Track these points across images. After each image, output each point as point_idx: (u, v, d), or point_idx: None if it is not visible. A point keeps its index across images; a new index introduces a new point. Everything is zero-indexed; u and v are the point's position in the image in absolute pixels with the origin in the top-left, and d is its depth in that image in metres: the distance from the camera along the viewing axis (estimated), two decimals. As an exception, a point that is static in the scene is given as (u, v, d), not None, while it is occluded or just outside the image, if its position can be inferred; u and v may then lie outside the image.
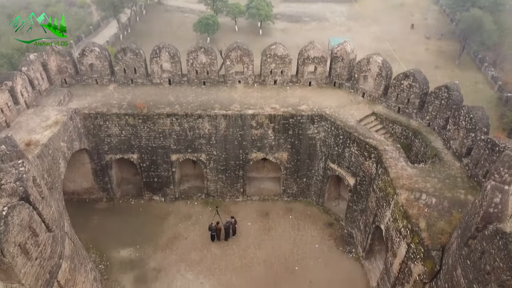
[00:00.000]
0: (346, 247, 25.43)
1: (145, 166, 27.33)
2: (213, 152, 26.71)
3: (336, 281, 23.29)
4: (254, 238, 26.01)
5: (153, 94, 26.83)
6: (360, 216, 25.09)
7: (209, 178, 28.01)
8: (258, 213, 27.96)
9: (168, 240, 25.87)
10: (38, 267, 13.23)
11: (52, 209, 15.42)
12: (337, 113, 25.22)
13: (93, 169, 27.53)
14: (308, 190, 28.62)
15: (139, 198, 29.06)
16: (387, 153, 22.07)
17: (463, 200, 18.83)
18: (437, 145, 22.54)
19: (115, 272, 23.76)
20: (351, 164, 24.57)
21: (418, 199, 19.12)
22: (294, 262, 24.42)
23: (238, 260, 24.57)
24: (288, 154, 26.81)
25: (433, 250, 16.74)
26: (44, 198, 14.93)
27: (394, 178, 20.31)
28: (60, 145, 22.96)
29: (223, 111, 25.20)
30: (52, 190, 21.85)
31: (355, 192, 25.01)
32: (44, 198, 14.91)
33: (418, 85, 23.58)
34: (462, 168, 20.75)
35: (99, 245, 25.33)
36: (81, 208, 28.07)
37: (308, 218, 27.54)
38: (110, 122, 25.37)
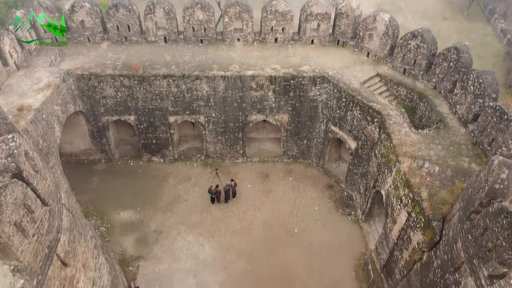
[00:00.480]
0: (345, 209, 25.55)
1: (142, 128, 26.78)
2: (212, 114, 26.05)
3: (335, 243, 23.61)
4: (254, 200, 26.06)
5: (148, 53, 25.67)
6: (360, 180, 24.96)
7: (208, 140, 27.57)
8: (258, 174, 27.83)
9: (168, 202, 25.93)
10: (36, 243, 13.10)
11: (47, 182, 15.07)
12: (340, 75, 24.25)
13: (90, 131, 27.01)
14: (309, 152, 28.30)
15: (138, 159, 28.80)
16: (391, 118, 21.45)
17: (467, 168, 18.52)
18: (442, 109, 21.86)
19: (116, 234, 24.03)
20: (353, 128, 24.02)
21: (420, 167, 18.80)
22: (294, 224, 24.63)
23: (238, 222, 24.77)
24: (288, 116, 26.17)
25: (433, 220, 16.66)
26: (38, 171, 14.52)
27: (397, 145, 19.86)
28: (54, 109, 22.27)
29: (221, 72, 24.23)
30: (49, 155, 21.56)
31: (356, 156, 24.68)
32: (38, 172, 14.51)
33: (426, 46, 22.43)
34: (467, 134, 20.24)
35: (99, 207, 25.42)
36: (79, 170, 27.90)
37: (308, 180, 27.46)
38: (105, 83, 24.47)
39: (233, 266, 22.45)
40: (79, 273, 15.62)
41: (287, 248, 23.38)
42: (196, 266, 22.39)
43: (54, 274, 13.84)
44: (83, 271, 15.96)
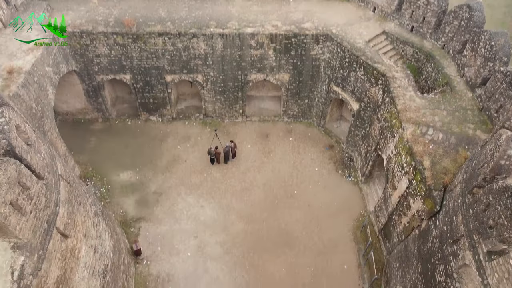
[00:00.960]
0: (345, 170, 25.48)
1: (139, 87, 25.99)
2: (210, 73, 25.15)
3: (334, 204, 23.78)
4: (253, 161, 25.92)
5: (141, 8, 24.25)
6: (361, 142, 24.63)
7: (206, 99, 26.88)
8: (257, 134, 27.47)
9: (168, 163, 25.81)
10: (34, 219, 13.02)
11: (42, 155, 14.73)
12: (345, 32, 23.07)
13: (85, 90, 26.24)
14: (310, 111, 27.71)
15: (135, 118, 28.29)
16: (396, 81, 20.66)
17: (471, 136, 18.10)
18: (450, 71, 21.00)
19: (117, 195, 24.12)
20: (356, 89, 23.27)
21: (424, 134, 18.38)
22: (293, 185, 24.68)
23: (238, 183, 24.79)
24: (289, 76, 25.29)
25: (434, 190, 16.53)
26: (31, 145, 14.15)
27: (401, 110, 19.28)
28: (46, 70, 21.43)
29: (219, 30, 23.02)
30: (43, 119, 21.05)
31: (358, 117, 24.15)
32: (31, 145, 14.12)
33: (436, 2, 21.08)
34: (474, 99, 19.58)
35: (99, 168, 25.32)
36: (77, 129, 27.50)
37: (309, 140, 27.15)
38: (97, 41, 23.35)
39: (233, 227, 22.77)
40: (80, 242, 15.74)
41: (287, 209, 23.58)
42: (196, 227, 22.71)
43: (54, 247, 13.90)
44: (84, 240, 16.08)
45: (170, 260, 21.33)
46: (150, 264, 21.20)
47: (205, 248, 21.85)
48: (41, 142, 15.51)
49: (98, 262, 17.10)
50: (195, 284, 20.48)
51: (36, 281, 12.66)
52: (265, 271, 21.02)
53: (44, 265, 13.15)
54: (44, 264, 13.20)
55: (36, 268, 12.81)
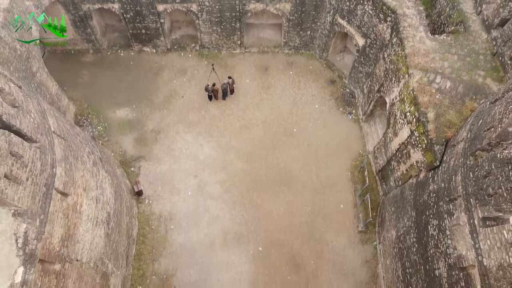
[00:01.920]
0: (346, 107, 24.91)
1: (129, 17, 24.13)
2: (205, 3, 23.14)
3: (333, 143, 23.71)
4: (252, 97, 25.19)
5: None
6: (365, 79, 23.66)
7: (202, 30, 25.15)
8: (257, 68, 26.28)
9: (164, 98, 25.10)
10: (31, 186, 12.95)
11: (32, 115, 14.15)
12: (354, -42, 20.71)
13: (72, 21, 24.38)
14: (312, 43, 26.13)
15: (128, 49, 26.79)
16: (406, 19, 19.07)
17: (480, 84, 17.27)
18: (466, 7, 19.28)
19: (114, 133, 23.90)
20: (362, 24, 21.62)
21: (431, 82, 17.53)
22: (293, 123, 24.32)
23: (237, 121, 24.41)
24: (291, 5, 23.31)
25: (436, 144, 16.28)
26: (19, 107, 13.52)
27: (409, 54, 18.12)
28: (26, 5, 19.67)
29: (214, -46, 20.65)
30: (30, 59, 19.91)
31: (363, 54, 22.85)
32: (19, 107, 13.51)
33: None
34: (488, 42, 18.28)
35: (94, 104, 24.70)
36: (67, 62, 26.22)
37: (310, 74, 26.06)
38: (79, -34, 21.09)
39: (232, 166, 22.99)
40: (81, 197, 15.94)
41: (286, 148, 23.57)
42: (196, 166, 22.92)
43: (55, 208, 14.08)
44: (85, 194, 16.26)
45: (171, 199, 21.92)
46: (152, 203, 21.83)
47: (205, 187, 22.31)
48: (30, 100, 14.81)
49: (101, 211, 17.53)
50: (196, 222, 21.32)
51: (41, 244, 13.02)
52: (263, 209, 21.74)
53: (47, 228, 13.43)
54: (47, 226, 13.47)
55: (40, 232, 13.10)
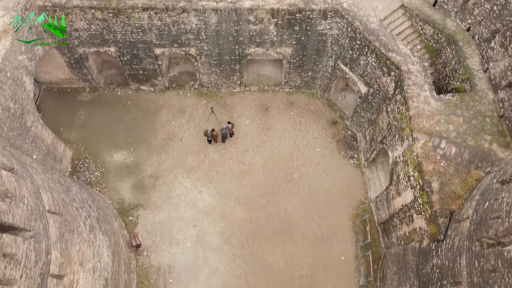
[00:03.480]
0: (348, 151, 24.44)
1: (126, 60, 23.54)
2: (204, 47, 22.54)
3: (335, 190, 23.32)
4: (252, 139, 24.69)
5: (121, -28, 20.70)
6: (367, 125, 23.17)
7: (201, 71, 24.55)
8: (257, 107, 25.73)
9: (163, 141, 24.62)
10: (25, 281, 12.63)
11: (25, 201, 13.73)
12: (357, 8, 20.02)
13: (67, 62, 23.80)
14: (313, 82, 25.53)
15: (125, 88, 26.21)
16: (411, 76, 18.50)
17: (486, 151, 16.83)
18: (472, 63, 18.71)
19: (112, 179, 23.49)
20: (365, 74, 21.06)
21: (436, 147, 17.06)
22: (294, 168, 23.90)
23: (237, 165, 23.97)
24: (292, 50, 22.69)
25: (440, 217, 15.89)
26: (11, 197, 13.10)
27: (414, 115, 17.61)
28: (19, 59, 19.07)
29: (213, 3, 19.94)
30: (24, 115, 19.41)
31: (365, 100, 22.32)
32: (11, 197, 13.09)
33: (468, -21, 17.86)
34: (494, 103, 17.77)
35: (91, 147, 24.25)
36: (63, 101, 25.69)
37: (311, 115, 25.51)
38: (74, 16, 20.41)
39: (232, 215, 22.64)
40: (77, 274, 15.62)
41: (286, 195, 23.19)
42: (195, 215, 22.58)
43: (51, 294, 13.78)
44: (81, 268, 15.94)
45: (170, 251, 21.63)
46: (151, 255, 21.55)
47: (204, 238, 22.01)
48: (23, 182, 14.37)
49: (98, 280, 17.22)
50: (195, 275, 21.06)
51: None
52: (264, 262, 21.46)
53: (42, 317, 13.14)
54: (43, 315, 13.18)
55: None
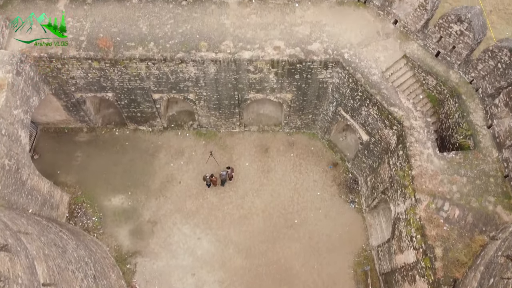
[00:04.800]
0: (349, 195, 24.08)
1: (124, 104, 23.21)
2: (203, 93, 22.21)
3: (335, 236, 22.97)
4: (252, 182, 24.34)
5: (118, 20, 20.34)
6: (368, 171, 22.83)
7: (200, 114, 24.20)
8: (256, 148, 25.36)
9: (161, 184, 24.26)
10: None
11: (19, 280, 13.40)
12: (358, 58, 19.67)
13: (64, 106, 23.47)
14: (313, 124, 25.17)
15: (123, 128, 25.83)
16: (413, 133, 18.17)
17: (491, 213, 16.48)
18: (475, 118, 18.36)
19: (109, 224, 23.14)
20: (367, 123, 20.73)
21: (439, 209, 16.73)
22: (294, 213, 23.55)
23: (236, 210, 23.62)
24: (292, 95, 22.35)
25: (444, 285, 15.57)
26: (4, 280, 12.75)
27: (417, 175, 17.28)
28: (14, 114, 18.74)
29: (211, 54, 19.61)
30: (19, 169, 19.03)
31: (366, 148, 21.98)
32: (5, 281, 12.75)
33: (472, 35, 17.47)
34: (499, 162, 17.43)
35: (88, 191, 23.91)
36: (61, 141, 25.34)
37: (311, 156, 25.15)
38: (70, 65, 20.10)
39: (232, 263, 22.28)
40: None
41: (286, 241, 22.84)
42: (194, 263, 22.22)
43: None
44: None
45: (169, 302, 21.32)
46: (149, 306, 21.23)
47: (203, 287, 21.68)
48: (17, 259, 14.01)
49: None
50: (195, 327, 20.75)
51: None
52: (263, 313, 21.15)
53: None
54: None
55: None
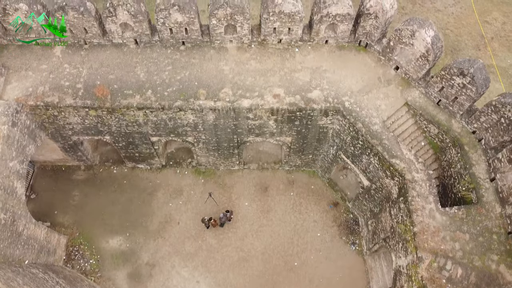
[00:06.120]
0: (349, 236, 23.81)
1: (121, 146, 22.93)
2: (202, 137, 21.94)
3: (336, 279, 22.72)
4: (252, 223, 24.07)
5: (116, 66, 20.03)
6: (369, 215, 22.57)
7: (198, 154, 23.93)
8: (256, 187, 25.09)
9: (160, 225, 24.00)
10: None
11: None
12: (359, 106, 19.38)
13: (61, 148, 23.19)
14: (314, 163, 24.91)
15: (121, 166, 25.58)
16: (415, 186, 17.89)
17: (493, 273, 16.20)
18: (478, 171, 18.05)
19: (107, 267, 22.90)
20: (368, 171, 20.46)
21: (441, 269, 16.45)
22: (294, 255, 23.28)
23: (235, 252, 23.35)
24: (292, 138, 22.08)
25: None
26: None
27: (419, 232, 16.99)
28: (9, 167, 18.44)
29: (210, 103, 19.33)
30: (15, 221, 18.75)
31: (367, 192, 21.72)
32: None
33: (475, 89, 17.19)
34: (502, 217, 17.12)
35: (86, 231, 23.66)
36: (58, 180, 25.08)
37: (312, 195, 24.88)
38: (67, 113, 19.84)
39: (231, 309, 22.07)
40: None
41: (286, 285, 22.58)
42: (193, 309, 22.01)
43: None
44: None
45: None
46: None
47: (202, 336, 21.43)
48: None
49: None
50: None
51: None
52: None
53: None
54: None
55: None
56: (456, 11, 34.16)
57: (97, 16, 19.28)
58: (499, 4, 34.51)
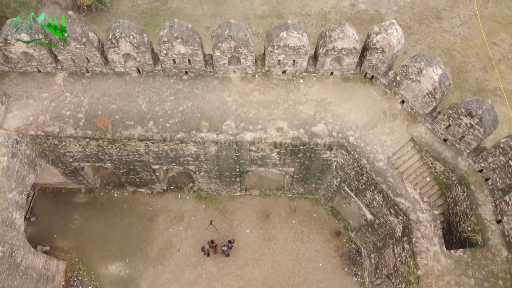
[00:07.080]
0: (352, 267, 23.47)
1: (122, 172, 22.70)
2: (203, 166, 21.67)
3: (337, 312, 22.44)
4: (253, 251, 23.77)
5: (117, 96, 19.76)
6: (372, 247, 22.23)
7: (200, 181, 23.66)
8: (258, 214, 24.80)
9: (160, 251, 23.75)
10: None
11: None
12: (364, 142, 19.02)
13: (62, 172, 22.99)
14: (317, 191, 24.60)
15: (122, 189, 25.35)
16: (420, 227, 17.55)
17: (499, 322, 15.88)
18: (485, 212, 17.69)
19: (106, 294, 22.71)
20: (371, 206, 20.13)
21: (446, 316, 16.12)
22: (295, 286, 22.98)
23: (236, 281, 23.07)
24: (295, 169, 21.77)
25: None
26: None
27: (423, 276, 16.67)
28: (8, 198, 18.25)
29: (212, 135, 19.04)
30: (13, 253, 18.55)
31: (371, 226, 21.39)
32: None
33: (483, 130, 16.81)
34: (508, 262, 16.77)
35: (85, 257, 23.46)
36: (58, 203, 24.90)
37: (314, 224, 24.56)
38: (67, 142, 19.62)
39: None
40: None
41: (287, 318, 22.33)
42: None
43: None
44: None
45: None
46: None
47: None
48: None
49: None
50: None
51: None
52: None
53: None
54: None
55: None
56: (463, 31, 33.65)
57: (99, 46, 19.03)
58: (507, 26, 33.99)
